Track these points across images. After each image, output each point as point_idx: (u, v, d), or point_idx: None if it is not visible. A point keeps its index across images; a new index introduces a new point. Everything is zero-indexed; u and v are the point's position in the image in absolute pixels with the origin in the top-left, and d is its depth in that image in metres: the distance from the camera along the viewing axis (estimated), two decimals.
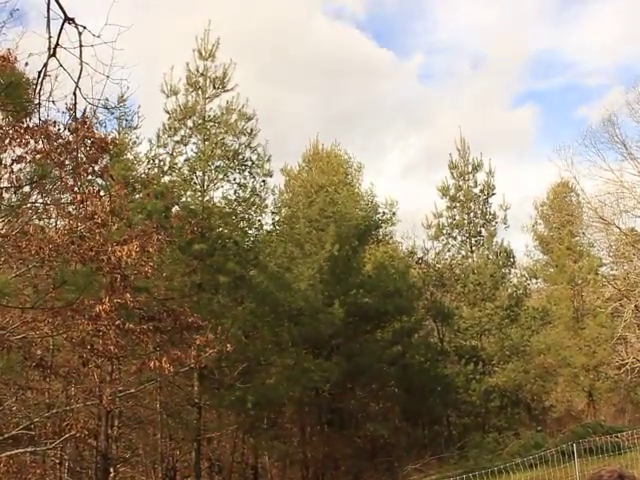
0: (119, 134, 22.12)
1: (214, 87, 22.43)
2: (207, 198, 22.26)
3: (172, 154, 22.13)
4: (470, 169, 32.33)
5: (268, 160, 23.05)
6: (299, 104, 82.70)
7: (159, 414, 24.96)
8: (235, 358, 21.20)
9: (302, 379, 23.35)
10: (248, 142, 22.66)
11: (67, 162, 14.59)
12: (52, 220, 17.18)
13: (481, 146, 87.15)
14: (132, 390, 17.70)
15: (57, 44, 4.50)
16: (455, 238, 32.20)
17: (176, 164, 22.24)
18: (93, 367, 15.61)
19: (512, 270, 34.15)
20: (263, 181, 23.15)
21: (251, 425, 25.50)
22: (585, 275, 34.15)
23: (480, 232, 32.03)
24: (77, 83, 4.71)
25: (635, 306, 25.31)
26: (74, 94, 4.78)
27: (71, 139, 13.75)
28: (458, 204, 32.03)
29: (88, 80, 5.72)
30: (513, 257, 33.17)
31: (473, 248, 32.06)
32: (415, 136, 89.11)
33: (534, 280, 40.49)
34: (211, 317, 19.20)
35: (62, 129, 13.17)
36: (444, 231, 32.00)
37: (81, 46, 4.64)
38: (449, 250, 32.48)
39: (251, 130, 22.67)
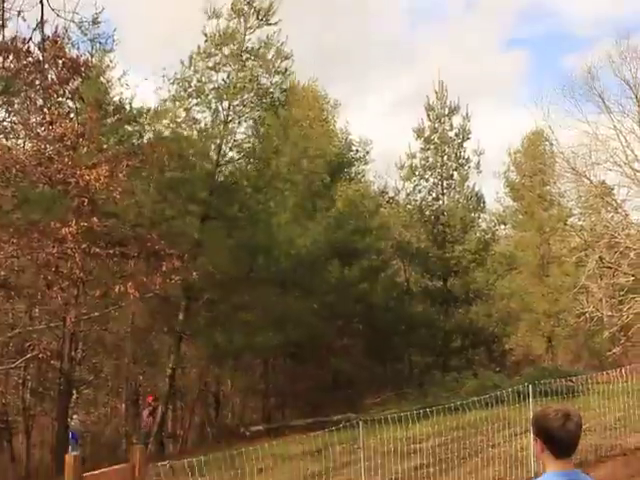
0: (92, 57, 21.60)
1: (257, 18, 21.91)
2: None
3: (201, 80, 21.77)
4: (447, 112, 32.16)
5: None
6: (288, 39, 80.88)
7: (126, 339, 25.19)
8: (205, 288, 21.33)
9: (288, 326, 23.43)
10: (280, 82, 22.42)
11: (37, 82, 14.33)
12: (20, 141, 16.94)
13: (468, 89, 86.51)
14: (96, 313, 17.78)
15: None
16: (427, 180, 32.14)
17: (203, 90, 21.87)
18: (58, 289, 15.61)
19: (482, 215, 34.42)
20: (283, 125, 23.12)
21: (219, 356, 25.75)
22: (554, 224, 34.46)
23: (452, 175, 32.01)
24: None
25: (599, 257, 25.64)
26: (40, 3, 4.67)
27: (41, 58, 13.49)
28: (432, 146, 31.92)
29: None
30: (483, 202, 33.33)
31: (444, 191, 32.10)
32: (404, 76, 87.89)
33: (503, 226, 40.94)
34: (181, 245, 19.21)
35: (32, 47, 12.91)
36: (416, 172, 31.94)
37: None
38: (420, 192, 32.48)
39: (285, 70, 22.35)
